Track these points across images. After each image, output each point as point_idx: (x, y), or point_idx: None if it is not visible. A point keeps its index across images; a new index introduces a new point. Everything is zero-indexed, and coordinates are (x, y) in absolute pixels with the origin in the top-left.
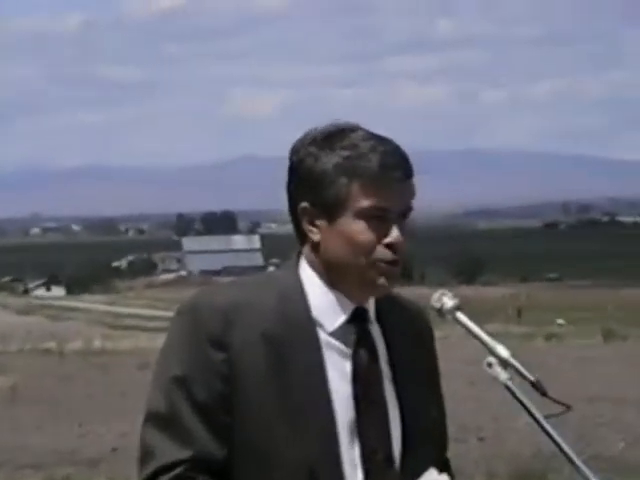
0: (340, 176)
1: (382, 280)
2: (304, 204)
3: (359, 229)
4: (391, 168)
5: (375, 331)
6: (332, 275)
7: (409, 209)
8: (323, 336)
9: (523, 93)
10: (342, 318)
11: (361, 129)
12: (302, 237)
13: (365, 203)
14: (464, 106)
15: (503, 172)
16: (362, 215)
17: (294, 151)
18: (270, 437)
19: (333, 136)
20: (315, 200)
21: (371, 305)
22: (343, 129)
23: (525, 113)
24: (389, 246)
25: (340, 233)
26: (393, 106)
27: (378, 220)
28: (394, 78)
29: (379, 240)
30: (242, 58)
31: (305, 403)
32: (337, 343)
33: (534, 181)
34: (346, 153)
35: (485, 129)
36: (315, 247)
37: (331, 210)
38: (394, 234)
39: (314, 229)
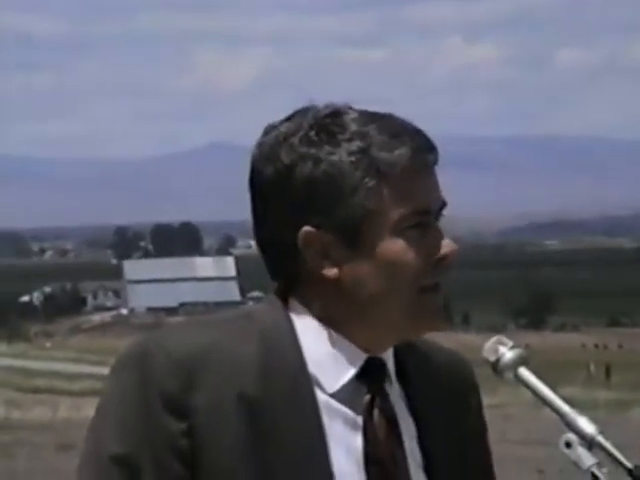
0: (364, 177)
1: (441, 313)
2: (308, 229)
3: (401, 248)
4: (424, 151)
5: (395, 393)
6: (358, 319)
7: (444, 205)
8: (322, 398)
9: (616, 54)
10: (349, 373)
11: (352, 109)
12: (296, 274)
13: (403, 211)
14: (527, 73)
15: (584, 169)
16: (400, 229)
17: (267, 160)
18: None
19: (326, 125)
20: (326, 220)
21: (389, 356)
22: (333, 113)
23: (617, 82)
24: (441, 261)
25: (377, 260)
26: (422, 75)
27: (417, 229)
28: (423, 33)
29: (429, 257)
30: (208, 7)
31: None
32: (342, 407)
33: (628, 183)
34: (357, 144)
35: (558, 107)
36: (330, 286)
37: (356, 230)
38: (446, 241)
39: (327, 262)
